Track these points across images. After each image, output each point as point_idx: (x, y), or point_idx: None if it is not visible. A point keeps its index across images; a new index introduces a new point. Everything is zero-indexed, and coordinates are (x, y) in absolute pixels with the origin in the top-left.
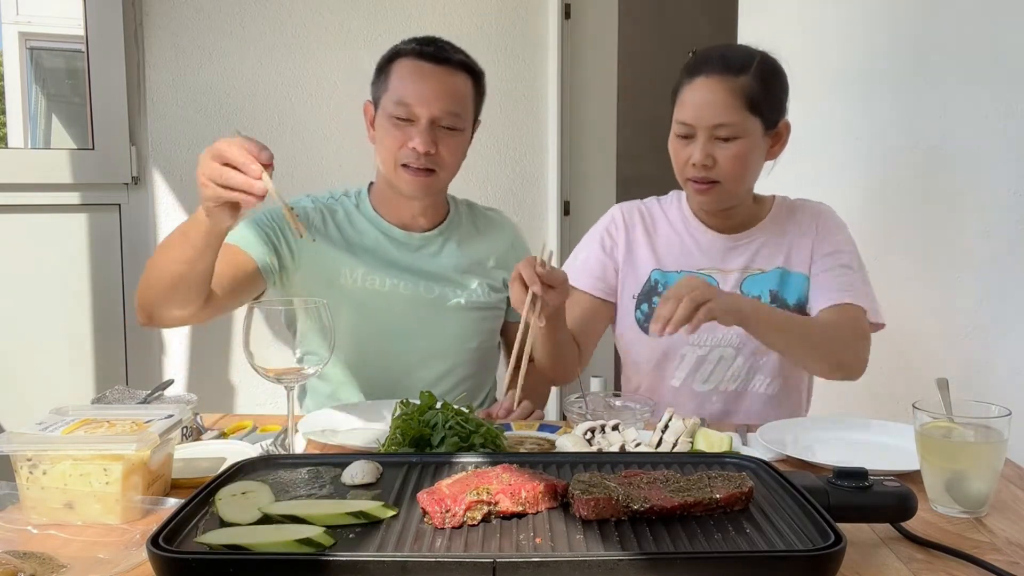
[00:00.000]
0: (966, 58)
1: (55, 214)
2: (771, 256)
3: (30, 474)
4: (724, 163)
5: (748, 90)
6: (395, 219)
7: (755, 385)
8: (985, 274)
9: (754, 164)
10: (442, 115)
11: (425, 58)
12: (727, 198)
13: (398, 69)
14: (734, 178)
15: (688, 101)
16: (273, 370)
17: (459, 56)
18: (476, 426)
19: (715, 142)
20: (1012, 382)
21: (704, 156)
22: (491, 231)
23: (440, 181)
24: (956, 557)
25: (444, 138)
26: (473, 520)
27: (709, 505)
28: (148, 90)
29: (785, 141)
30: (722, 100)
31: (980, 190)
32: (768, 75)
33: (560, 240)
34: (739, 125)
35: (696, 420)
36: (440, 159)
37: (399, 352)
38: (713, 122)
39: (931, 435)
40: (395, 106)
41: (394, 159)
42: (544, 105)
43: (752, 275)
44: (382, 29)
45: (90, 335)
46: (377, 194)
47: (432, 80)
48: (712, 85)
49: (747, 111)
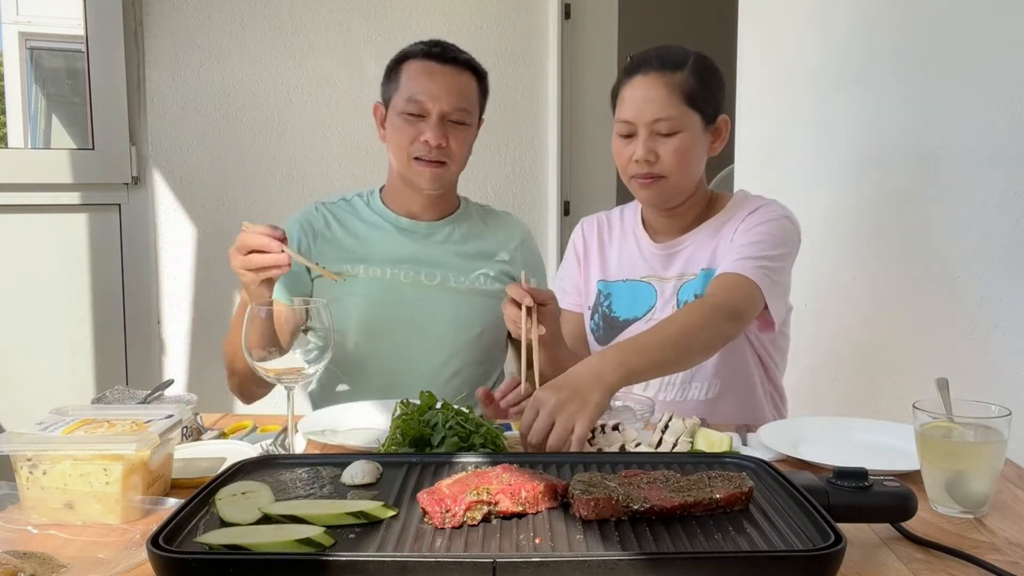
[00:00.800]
0: (966, 58)
1: (55, 214)
2: (701, 259)
3: (30, 474)
4: (666, 157)
5: (685, 85)
6: (403, 211)
7: (693, 393)
8: (985, 274)
9: (696, 158)
10: (451, 110)
11: (433, 58)
12: (672, 193)
13: (407, 70)
14: (677, 171)
15: (627, 99)
16: (273, 370)
17: (464, 56)
18: (476, 426)
19: (656, 137)
20: (1012, 382)
21: (646, 152)
22: (501, 229)
23: (451, 172)
24: (956, 557)
25: (453, 131)
26: (473, 520)
27: (709, 505)
28: (148, 90)
29: (725, 137)
30: (660, 95)
31: (980, 190)
32: (704, 71)
33: (560, 240)
34: (678, 119)
35: (696, 420)
36: (451, 151)
37: (401, 338)
38: (653, 117)
39: (931, 435)
40: (406, 103)
41: (407, 153)
42: (544, 105)
43: (687, 282)
44: (382, 30)
45: (90, 335)
46: (389, 191)
47: (441, 77)
48: (650, 82)
49: (685, 105)
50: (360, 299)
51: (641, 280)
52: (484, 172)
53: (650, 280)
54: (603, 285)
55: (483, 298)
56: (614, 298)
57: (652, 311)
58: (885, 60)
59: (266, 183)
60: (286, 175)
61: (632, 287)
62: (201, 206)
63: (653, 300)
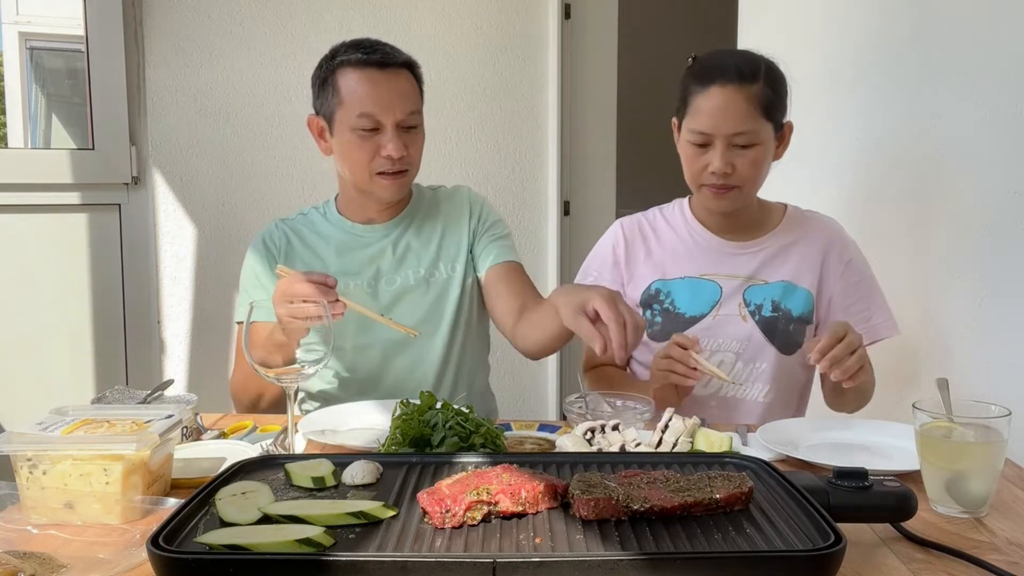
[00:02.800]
0: (966, 57)
1: (55, 214)
2: (776, 268)
3: (30, 474)
4: (743, 169)
5: (762, 97)
6: (359, 218)
7: (752, 393)
8: (985, 274)
9: (768, 167)
10: (404, 117)
11: (372, 65)
12: (743, 201)
13: (346, 80)
14: (751, 182)
15: (704, 109)
16: (273, 370)
17: (401, 56)
18: (476, 426)
19: (733, 149)
20: (1012, 382)
21: (725, 164)
22: (449, 203)
23: (411, 177)
24: (956, 557)
25: (409, 137)
26: (473, 520)
27: (709, 505)
28: (148, 90)
29: (788, 141)
30: (740, 109)
31: (980, 190)
32: (776, 80)
33: (560, 240)
34: (756, 132)
35: (696, 420)
36: (411, 158)
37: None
38: (733, 131)
39: (931, 435)
40: (358, 119)
41: (368, 170)
42: (544, 105)
43: (755, 284)
44: (382, 29)
45: (90, 335)
46: (342, 200)
47: (386, 85)
48: (729, 94)
49: (762, 118)
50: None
51: (702, 278)
52: (484, 172)
53: (712, 278)
54: (661, 284)
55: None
56: (675, 295)
57: (718, 306)
58: (885, 59)
59: (266, 183)
60: (286, 175)
61: (693, 284)
62: (201, 206)
63: (718, 296)
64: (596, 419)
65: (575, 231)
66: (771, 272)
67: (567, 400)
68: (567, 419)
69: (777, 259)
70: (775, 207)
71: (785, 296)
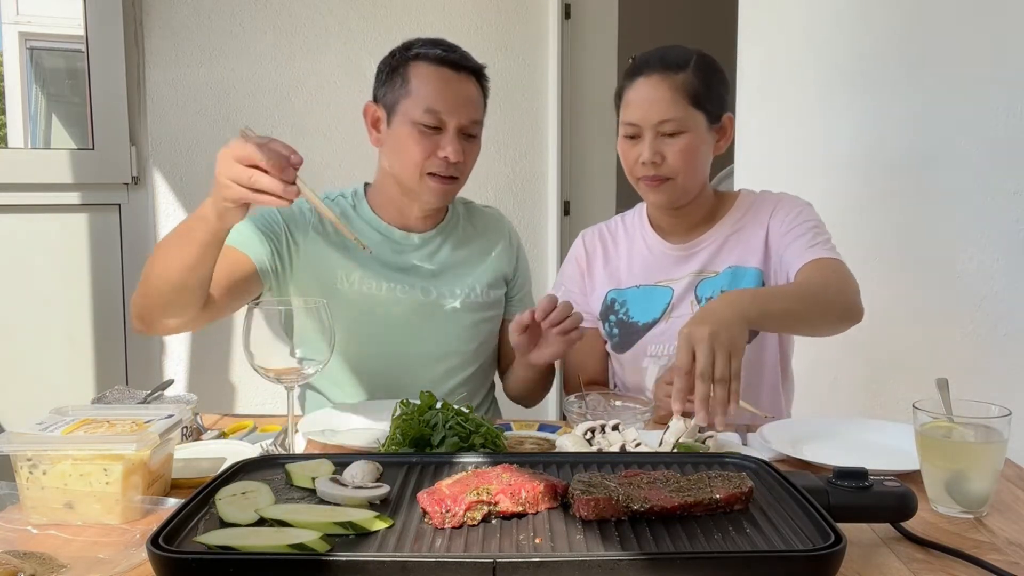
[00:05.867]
0: (965, 58)
1: (55, 214)
2: (724, 257)
3: (30, 474)
4: (672, 158)
5: (688, 85)
6: (395, 221)
7: None
8: (985, 274)
9: (703, 158)
10: (468, 123)
11: (448, 65)
12: (680, 193)
13: (419, 74)
14: (684, 172)
15: (632, 101)
16: (273, 370)
17: (474, 63)
18: (476, 426)
19: (662, 139)
20: (1012, 382)
21: (652, 153)
22: (488, 229)
23: (459, 187)
24: (956, 557)
25: (468, 146)
26: (473, 520)
27: (709, 505)
28: (148, 90)
29: (730, 135)
30: (665, 97)
31: (980, 190)
32: (707, 70)
33: (560, 240)
34: (683, 120)
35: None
36: (464, 167)
37: (398, 355)
38: (658, 118)
39: (931, 435)
40: (424, 114)
41: (420, 168)
42: (544, 105)
43: (705, 279)
44: (382, 29)
45: (90, 335)
46: (378, 196)
47: (458, 88)
48: (654, 83)
49: (690, 105)
50: (355, 312)
51: (656, 285)
52: (484, 172)
53: (666, 283)
54: (616, 293)
55: (479, 311)
56: (630, 304)
57: (670, 308)
58: (885, 60)
59: None
60: None
61: (647, 292)
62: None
63: (669, 298)
64: (596, 419)
65: (575, 231)
66: (719, 262)
67: (567, 400)
68: (567, 419)
69: (725, 248)
70: (729, 197)
71: (734, 282)
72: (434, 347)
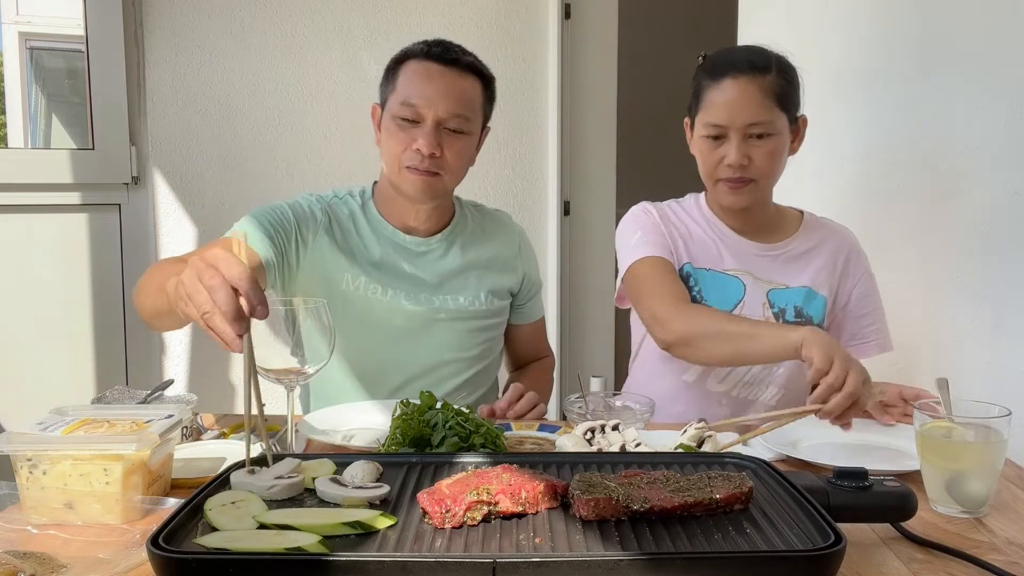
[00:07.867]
0: (966, 57)
1: (55, 214)
2: (797, 273)
3: (30, 474)
4: (759, 160)
5: (775, 87)
6: (399, 223)
7: (764, 395)
8: (985, 274)
9: (784, 160)
10: (448, 116)
11: (432, 59)
12: (760, 196)
13: (405, 71)
14: (768, 175)
15: (718, 102)
16: (273, 370)
17: (468, 58)
18: (476, 426)
19: (749, 140)
20: (1012, 382)
21: (741, 156)
22: (498, 233)
23: (444, 184)
24: (956, 557)
25: (449, 141)
26: (473, 520)
27: (709, 505)
28: (148, 90)
29: (803, 135)
30: (755, 99)
31: (980, 190)
32: (788, 71)
33: (560, 240)
34: (771, 122)
35: (703, 425)
36: (444, 162)
37: (400, 359)
38: (748, 121)
39: (931, 435)
40: (400, 107)
41: (398, 161)
42: (544, 105)
43: (777, 288)
44: (381, 29)
45: (90, 335)
46: (381, 196)
47: (439, 81)
48: (742, 85)
49: (777, 108)
50: (359, 316)
51: (727, 273)
52: (484, 172)
53: (738, 275)
54: (691, 269)
55: (483, 318)
56: (703, 286)
57: (741, 304)
58: (886, 60)
59: (266, 183)
60: (286, 175)
61: (719, 279)
62: (201, 206)
63: (741, 294)
64: (596, 419)
65: (575, 231)
66: (792, 277)
67: (567, 400)
68: (567, 419)
69: (798, 264)
70: (791, 212)
71: (807, 303)
72: (435, 353)
